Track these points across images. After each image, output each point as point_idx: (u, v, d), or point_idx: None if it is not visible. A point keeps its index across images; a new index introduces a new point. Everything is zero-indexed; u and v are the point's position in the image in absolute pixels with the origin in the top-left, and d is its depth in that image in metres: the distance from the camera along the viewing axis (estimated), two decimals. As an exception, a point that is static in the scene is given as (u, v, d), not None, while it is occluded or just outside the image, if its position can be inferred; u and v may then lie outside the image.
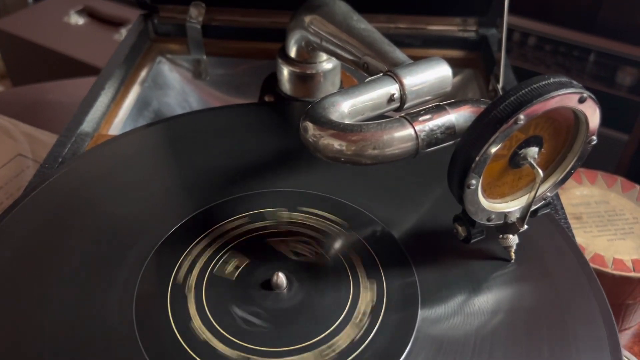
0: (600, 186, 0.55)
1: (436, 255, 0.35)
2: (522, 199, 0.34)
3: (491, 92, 0.53)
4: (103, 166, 0.42)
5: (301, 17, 0.46)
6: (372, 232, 0.37)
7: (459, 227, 0.34)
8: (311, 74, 0.50)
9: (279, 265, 0.34)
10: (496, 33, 0.60)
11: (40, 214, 0.38)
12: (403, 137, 0.31)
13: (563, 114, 0.31)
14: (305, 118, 0.32)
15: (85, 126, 0.48)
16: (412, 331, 0.31)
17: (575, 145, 0.32)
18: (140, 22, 0.62)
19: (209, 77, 0.64)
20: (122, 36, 1.23)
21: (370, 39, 0.41)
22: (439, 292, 0.33)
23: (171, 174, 0.42)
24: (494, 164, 0.31)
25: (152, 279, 0.34)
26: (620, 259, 0.48)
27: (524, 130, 0.30)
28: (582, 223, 0.52)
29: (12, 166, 0.56)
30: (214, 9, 0.60)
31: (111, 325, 0.31)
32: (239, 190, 0.40)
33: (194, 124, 0.47)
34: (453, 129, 0.32)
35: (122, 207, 0.38)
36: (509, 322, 0.32)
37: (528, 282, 0.34)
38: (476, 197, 0.31)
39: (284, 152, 0.44)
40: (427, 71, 0.36)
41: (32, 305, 0.32)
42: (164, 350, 0.30)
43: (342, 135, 0.31)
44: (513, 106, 0.28)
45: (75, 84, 0.83)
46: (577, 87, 0.29)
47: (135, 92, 0.57)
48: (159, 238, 0.36)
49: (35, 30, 1.26)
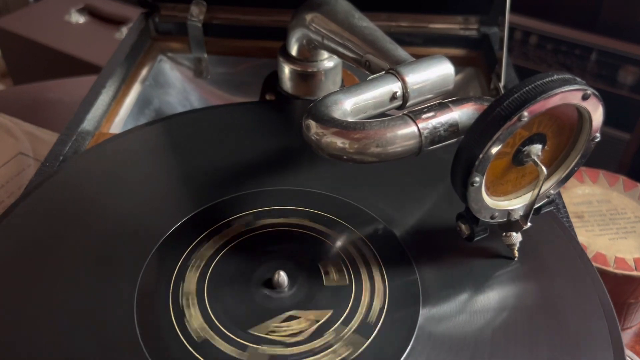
0: (602, 185, 0.55)
1: (438, 253, 0.35)
2: (525, 196, 0.34)
3: (492, 90, 0.53)
4: (104, 165, 0.42)
5: (302, 15, 0.46)
6: (373, 231, 0.37)
7: (462, 226, 0.34)
8: (312, 72, 0.50)
9: (280, 264, 0.34)
10: (498, 32, 0.60)
11: (41, 213, 0.38)
12: (406, 135, 0.31)
13: (566, 111, 0.31)
14: (308, 116, 0.32)
15: (86, 125, 0.48)
16: (414, 330, 0.31)
17: (578, 143, 0.32)
18: (141, 20, 0.61)
19: (210, 75, 0.64)
20: (123, 35, 1.23)
21: (372, 37, 0.41)
22: (440, 290, 0.33)
23: (172, 173, 0.42)
24: (498, 161, 0.31)
25: (153, 277, 0.34)
26: (622, 258, 0.48)
27: (527, 128, 0.30)
28: (584, 222, 0.52)
29: (13, 165, 0.56)
30: (215, 7, 0.60)
31: (111, 324, 0.31)
32: (240, 189, 0.40)
33: (195, 122, 0.47)
34: (456, 126, 0.32)
35: (123, 205, 0.38)
36: (511, 320, 0.32)
37: (530, 281, 0.34)
38: (480, 195, 0.31)
39: (285, 151, 0.44)
40: (430, 69, 0.36)
41: (32, 304, 0.32)
42: (165, 349, 0.30)
43: (345, 133, 0.31)
44: (517, 103, 0.28)
45: (76, 83, 0.83)
46: (580, 84, 0.29)
47: (136, 90, 0.57)
48: (160, 236, 0.36)
49: (36, 29, 1.26)
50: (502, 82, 0.51)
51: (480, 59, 0.60)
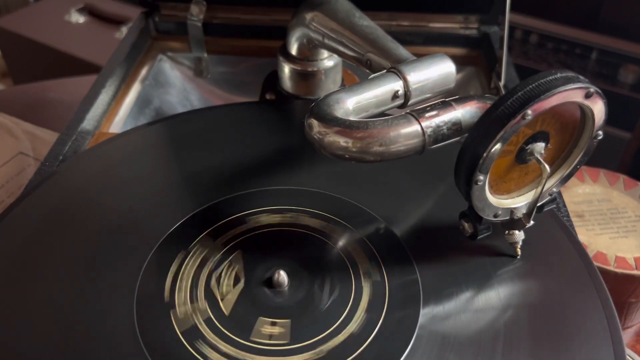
0: (603, 184, 0.55)
1: (439, 253, 0.35)
2: (528, 194, 0.33)
3: (493, 89, 0.53)
4: (104, 164, 0.42)
5: (302, 14, 0.46)
6: (374, 230, 0.37)
7: (465, 224, 0.34)
8: (312, 71, 0.49)
9: (281, 263, 0.34)
10: (498, 31, 0.60)
11: (41, 213, 0.37)
12: (410, 134, 0.31)
13: (569, 109, 0.30)
14: (310, 115, 0.32)
15: (86, 124, 0.48)
16: (414, 329, 0.31)
17: (581, 141, 0.32)
18: (141, 20, 0.61)
19: (210, 75, 0.64)
20: (123, 34, 1.23)
21: (373, 36, 0.41)
22: (441, 289, 0.33)
23: (172, 173, 0.42)
24: (501, 159, 0.31)
25: (153, 277, 0.33)
26: (623, 257, 0.48)
27: (530, 126, 0.30)
28: (584, 221, 0.52)
29: (13, 164, 0.55)
30: (215, 6, 0.60)
31: (112, 324, 0.31)
32: (240, 189, 0.39)
33: (195, 122, 0.47)
34: (459, 125, 0.32)
35: (122, 205, 0.38)
36: (511, 320, 0.32)
37: (530, 281, 0.34)
38: (483, 193, 0.31)
39: (285, 150, 0.44)
40: (431, 67, 0.36)
41: (32, 303, 0.32)
42: (165, 349, 0.30)
43: (347, 132, 0.31)
44: (521, 102, 0.28)
45: (76, 82, 0.83)
46: (583, 82, 0.29)
47: (136, 90, 0.57)
48: (159, 236, 0.36)
49: (36, 29, 1.26)
50: (503, 81, 0.51)
51: (481, 58, 0.60)
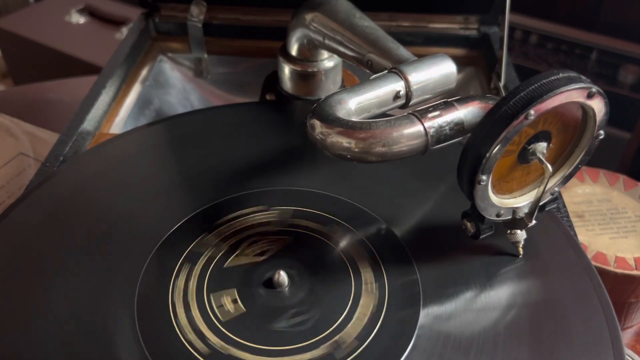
0: (603, 184, 0.55)
1: (438, 253, 0.35)
2: (530, 194, 0.34)
3: (493, 90, 0.53)
4: (104, 165, 0.42)
5: (302, 15, 0.46)
6: (374, 231, 0.37)
7: (467, 224, 0.34)
8: (312, 72, 0.49)
9: (281, 264, 0.34)
10: (498, 31, 0.60)
11: (42, 213, 0.37)
12: (412, 134, 0.31)
13: (571, 109, 0.31)
14: (313, 116, 0.32)
15: (87, 125, 0.48)
16: (414, 329, 0.31)
17: (582, 140, 0.32)
18: (141, 20, 0.61)
19: (210, 75, 0.63)
20: (123, 35, 1.23)
21: (373, 37, 0.41)
22: (441, 289, 0.33)
23: (172, 173, 0.42)
24: (503, 159, 0.31)
25: (154, 278, 0.33)
26: (623, 257, 0.48)
27: (533, 126, 0.30)
28: (584, 221, 0.52)
29: (13, 165, 0.55)
30: (215, 7, 0.60)
31: (112, 324, 0.31)
32: (240, 189, 0.39)
33: (195, 123, 0.46)
34: (462, 125, 0.32)
35: (123, 206, 0.38)
36: (511, 319, 0.32)
37: (529, 281, 0.34)
38: (486, 193, 0.31)
39: (286, 151, 0.44)
40: (432, 68, 0.36)
41: (32, 303, 0.32)
42: (165, 349, 0.30)
43: (350, 132, 0.31)
44: (523, 102, 0.28)
45: (77, 83, 0.83)
46: (585, 82, 0.29)
47: (136, 90, 0.57)
48: (160, 236, 0.36)
49: (37, 29, 1.26)
50: (502, 81, 0.51)
51: (481, 59, 0.60)
